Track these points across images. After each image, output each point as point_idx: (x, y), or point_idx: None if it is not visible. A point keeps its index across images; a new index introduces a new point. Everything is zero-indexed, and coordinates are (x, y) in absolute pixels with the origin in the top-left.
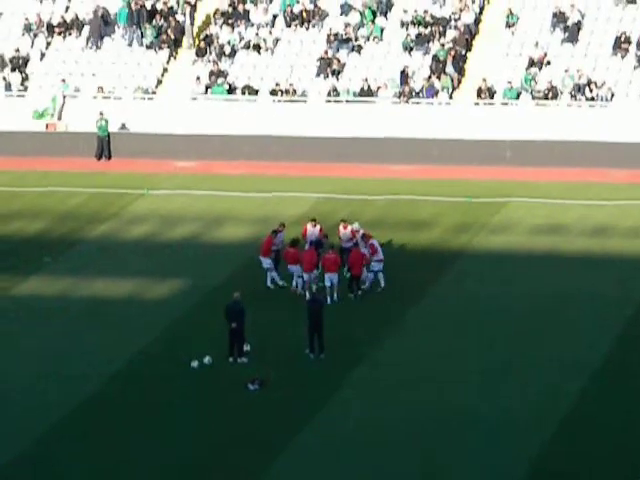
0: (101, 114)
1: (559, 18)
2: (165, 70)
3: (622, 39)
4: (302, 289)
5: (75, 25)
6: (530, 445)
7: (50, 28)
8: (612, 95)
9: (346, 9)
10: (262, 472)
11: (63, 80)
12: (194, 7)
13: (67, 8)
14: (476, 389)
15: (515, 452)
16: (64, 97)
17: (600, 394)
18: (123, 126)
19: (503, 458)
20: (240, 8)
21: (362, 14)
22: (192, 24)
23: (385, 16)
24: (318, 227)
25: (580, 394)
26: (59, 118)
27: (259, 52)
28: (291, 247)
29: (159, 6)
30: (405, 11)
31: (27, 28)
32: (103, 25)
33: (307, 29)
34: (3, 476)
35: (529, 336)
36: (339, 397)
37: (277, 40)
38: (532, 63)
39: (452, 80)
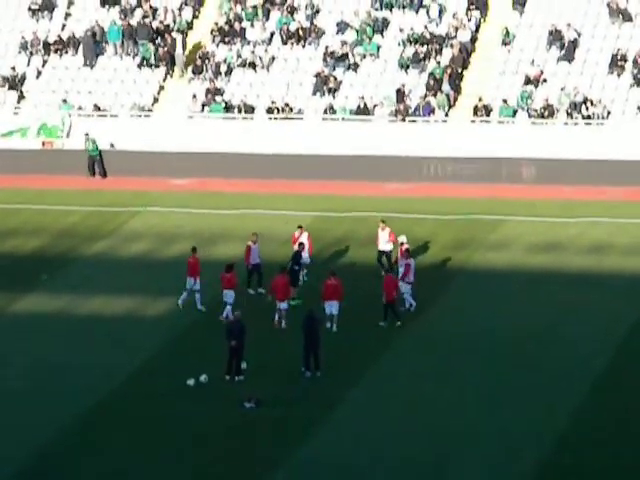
0: (86, 135)
1: (555, 36)
2: (161, 88)
3: (618, 57)
4: (226, 318)
5: (72, 43)
6: (529, 461)
7: (46, 46)
8: (608, 113)
9: (342, 27)
10: None
11: (64, 100)
12: (190, 25)
13: (63, 26)
14: (474, 408)
15: (514, 469)
16: (70, 116)
17: (598, 410)
18: (112, 145)
19: (500, 475)
20: (237, 26)
21: (358, 32)
22: (183, 52)
23: (381, 34)
24: (306, 233)
25: (578, 410)
26: (67, 136)
27: (255, 70)
28: (227, 272)
29: (155, 24)
30: (401, 29)
31: (23, 46)
32: (93, 44)
33: (303, 47)
34: None
35: (527, 354)
36: (336, 416)
37: (273, 58)
38: (528, 81)
39: (449, 98)
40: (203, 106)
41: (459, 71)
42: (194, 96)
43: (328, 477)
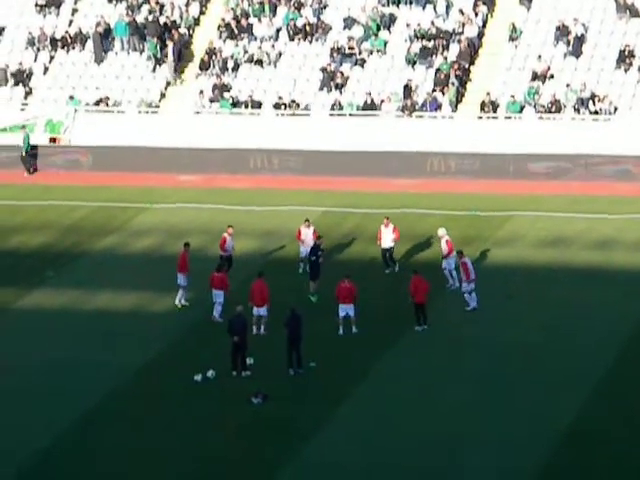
0: (24, 128)
1: (562, 32)
2: (169, 84)
3: (626, 52)
4: (220, 317)
5: (79, 39)
6: (531, 461)
7: (53, 42)
8: (615, 109)
9: (349, 23)
10: None
11: (71, 97)
12: (197, 21)
13: (71, 22)
14: (480, 405)
15: (517, 470)
16: (75, 111)
17: (603, 407)
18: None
19: (507, 473)
20: (243, 22)
21: (365, 28)
22: (177, 62)
23: (388, 30)
24: (312, 228)
25: (583, 407)
26: (64, 133)
27: (262, 66)
28: (217, 271)
29: (162, 20)
30: (408, 25)
31: (30, 42)
32: (101, 40)
33: (310, 43)
34: None
35: (532, 349)
36: (342, 413)
37: (280, 54)
38: (535, 77)
39: (458, 92)
40: (210, 102)
41: (466, 67)
42: (201, 92)
43: (334, 475)
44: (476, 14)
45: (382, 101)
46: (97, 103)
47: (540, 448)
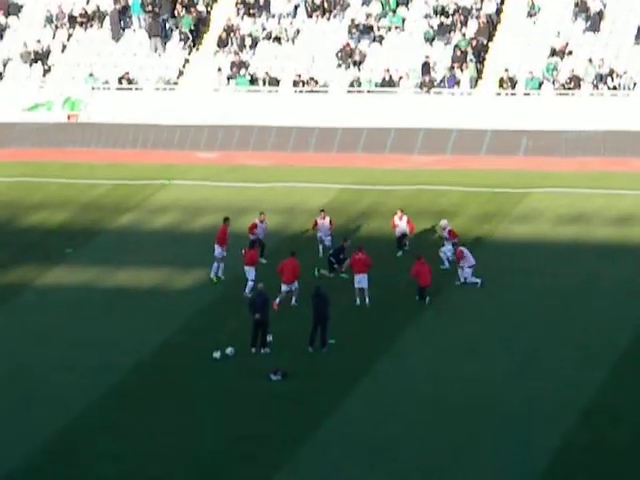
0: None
1: (581, 7)
2: (187, 61)
3: None
4: (249, 293)
5: (97, 16)
6: (551, 436)
7: (72, 20)
8: (634, 84)
9: None
10: (284, 463)
11: (91, 74)
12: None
13: (88, 0)
14: (499, 380)
15: (536, 443)
16: (92, 89)
17: (622, 384)
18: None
19: (523, 449)
20: None
21: (383, 4)
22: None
23: (407, 6)
24: (327, 219)
25: (602, 384)
26: (80, 109)
27: (280, 43)
28: (250, 248)
29: None
30: (426, 1)
31: (49, 20)
32: (119, 18)
33: (328, 19)
34: (26, 467)
35: (551, 326)
36: (361, 388)
37: (298, 31)
38: (554, 53)
39: (478, 69)
40: (228, 79)
41: (484, 43)
42: (219, 69)
43: (354, 449)
44: None
45: (400, 78)
46: (115, 81)
47: (560, 424)
